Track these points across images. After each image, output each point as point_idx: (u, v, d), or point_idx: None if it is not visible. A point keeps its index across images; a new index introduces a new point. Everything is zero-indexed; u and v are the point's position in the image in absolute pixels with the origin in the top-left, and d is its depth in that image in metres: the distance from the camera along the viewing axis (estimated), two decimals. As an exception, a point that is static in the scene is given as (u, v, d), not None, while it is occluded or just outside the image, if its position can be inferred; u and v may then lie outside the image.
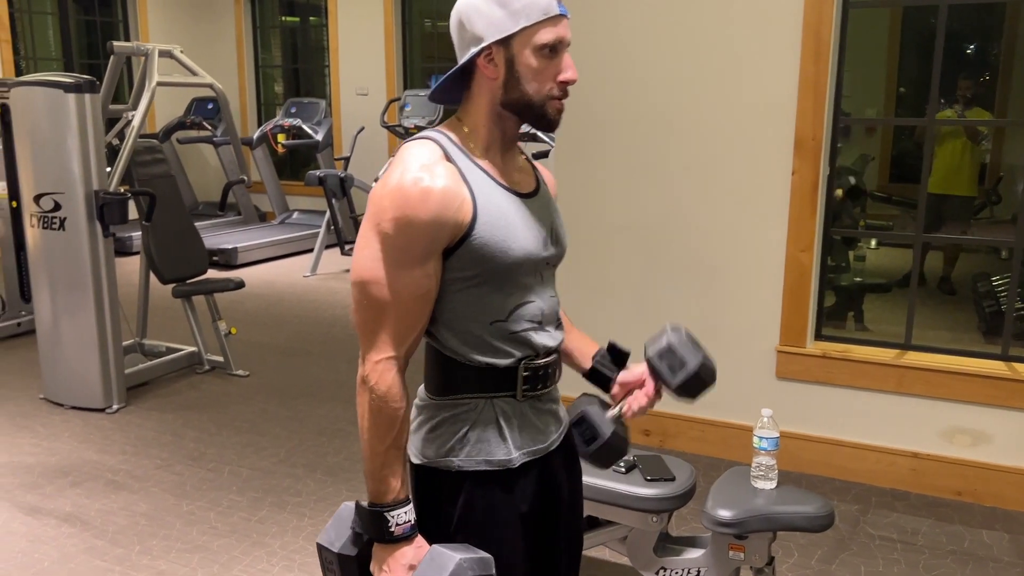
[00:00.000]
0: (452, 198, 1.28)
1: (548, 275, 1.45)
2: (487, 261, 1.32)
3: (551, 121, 1.37)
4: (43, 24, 8.57)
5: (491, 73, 1.33)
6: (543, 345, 1.40)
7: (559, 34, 1.33)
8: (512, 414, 1.40)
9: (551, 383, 1.46)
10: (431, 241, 1.28)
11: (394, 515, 1.32)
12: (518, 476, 1.40)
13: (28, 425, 3.86)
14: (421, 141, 1.35)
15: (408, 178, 1.27)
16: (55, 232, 3.88)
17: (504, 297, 1.36)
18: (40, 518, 3.03)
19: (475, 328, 1.36)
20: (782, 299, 3.35)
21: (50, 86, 3.75)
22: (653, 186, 3.49)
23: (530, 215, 1.38)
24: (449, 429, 1.38)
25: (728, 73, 3.29)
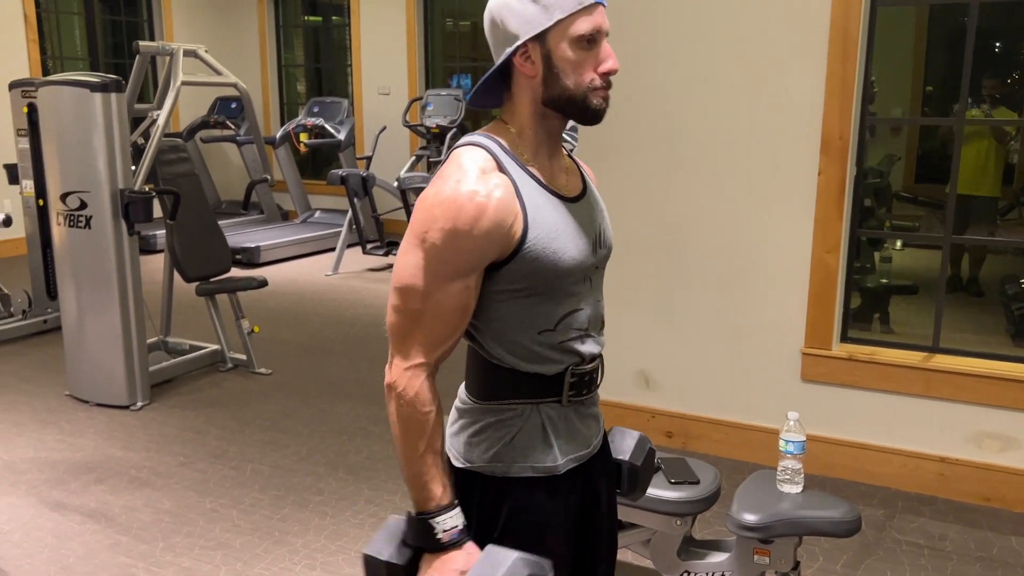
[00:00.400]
0: (506, 214, 1.25)
1: (597, 279, 1.42)
2: (537, 274, 1.29)
3: (596, 113, 1.33)
4: (70, 24, 8.66)
5: (529, 71, 1.30)
6: (589, 353, 1.38)
7: (596, 23, 1.30)
8: (558, 420, 1.37)
9: (595, 388, 1.44)
10: (480, 256, 1.25)
11: (439, 521, 1.28)
12: (563, 482, 1.38)
13: (53, 421, 3.90)
14: (474, 148, 1.31)
15: (463, 190, 1.23)
16: (81, 230, 3.91)
17: (553, 306, 1.33)
18: (65, 514, 3.05)
19: (523, 339, 1.33)
20: (807, 300, 3.31)
21: (77, 85, 3.78)
22: (678, 185, 3.47)
23: (579, 220, 1.36)
24: (495, 434, 1.36)
25: (755, 72, 3.26)
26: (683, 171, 3.45)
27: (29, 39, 7.67)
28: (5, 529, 2.94)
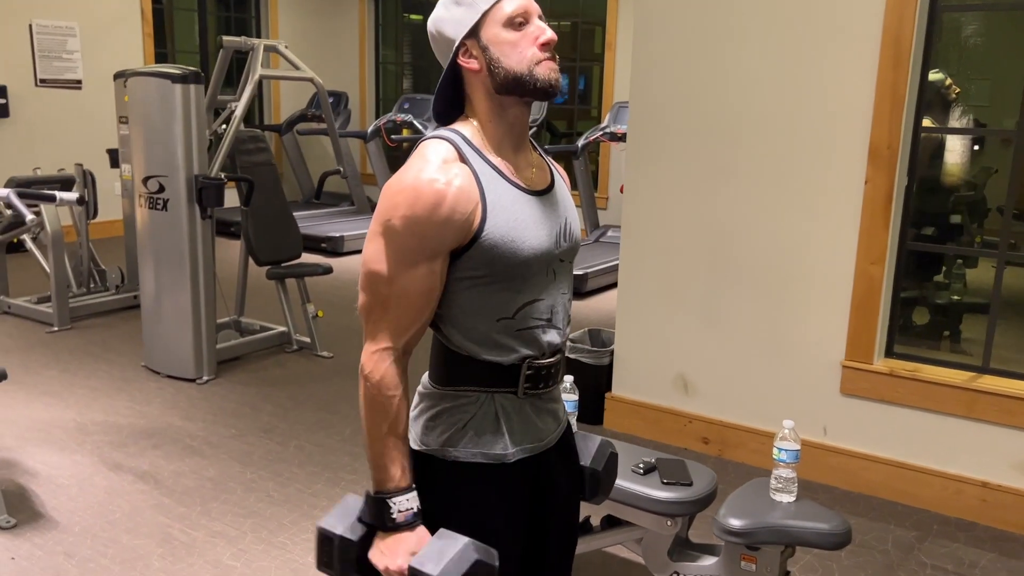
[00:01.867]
0: (464, 201, 1.30)
1: (561, 271, 1.45)
2: (496, 261, 1.33)
3: (547, 83, 1.35)
4: (186, 20, 9.19)
5: (474, 66, 1.35)
6: (549, 343, 1.41)
7: (521, 5, 1.35)
8: (512, 410, 1.41)
9: (553, 383, 1.46)
10: (439, 242, 1.30)
11: (395, 502, 1.33)
12: (513, 471, 1.42)
13: (126, 389, 4.19)
14: (438, 141, 1.36)
15: (424, 178, 1.29)
16: (159, 212, 4.19)
17: (513, 295, 1.37)
18: (120, 474, 3.29)
19: (481, 325, 1.37)
20: (849, 312, 3.23)
21: (160, 77, 4.05)
22: (723, 191, 3.44)
23: (542, 213, 1.39)
24: (449, 419, 1.40)
25: (804, 78, 3.21)
26: (730, 176, 3.42)
27: (145, 33, 8.18)
28: (64, 483, 3.20)
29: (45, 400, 4.01)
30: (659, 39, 3.51)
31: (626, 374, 3.80)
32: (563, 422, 1.54)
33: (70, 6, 7.55)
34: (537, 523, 1.51)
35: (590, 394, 3.87)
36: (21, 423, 3.73)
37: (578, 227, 1.50)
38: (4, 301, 5.38)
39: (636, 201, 3.68)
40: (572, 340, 3.89)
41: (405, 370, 1.37)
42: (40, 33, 7.37)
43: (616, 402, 3.83)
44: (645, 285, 3.70)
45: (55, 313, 5.10)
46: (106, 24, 7.82)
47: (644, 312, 3.72)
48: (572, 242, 1.47)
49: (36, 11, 7.32)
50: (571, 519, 1.61)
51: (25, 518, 2.93)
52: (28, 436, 3.60)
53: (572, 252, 1.47)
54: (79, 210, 5.54)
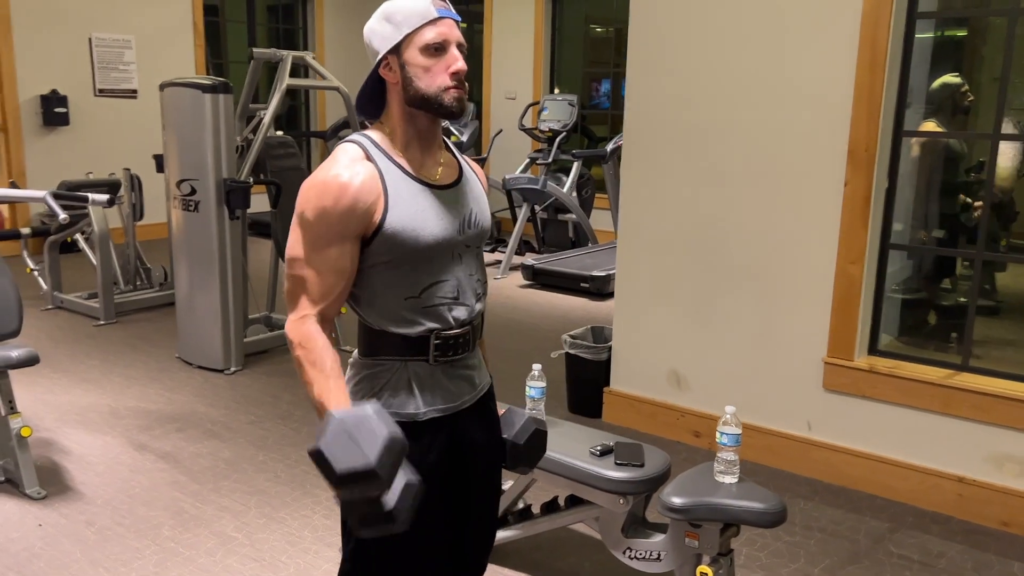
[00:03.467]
0: (366, 193, 1.50)
1: (468, 255, 1.63)
2: (399, 247, 1.53)
3: (449, 108, 1.54)
4: (237, 31, 9.61)
5: (392, 79, 1.56)
6: (456, 318, 1.60)
7: (441, 33, 1.53)
8: (424, 376, 1.60)
9: (465, 351, 1.64)
10: (344, 228, 1.50)
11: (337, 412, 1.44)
12: (426, 429, 1.60)
13: (160, 378, 4.49)
14: (349, 143, 1.58)
15: (331, 174, 1.51)
16: (191, 213, 4.48)
17: (418, 276, 1.56)
18: (144, 454, 3.57)
19: (391, 303, 1.56)
20: (831, 310, 3.33)
21: (191, 87, 4.34)
22: (713, 192, 3.57)
23: (445, 204, 1.58)
24: (367, 385, 1.60)
25: (787, 82, 3.32)
26: (720, 178, 3.54)
27: (196, 44, 8.59)
28: (93, 461, 3.48)
29: (85, 386, 4.33)
30: (651, 46, 3.65)
31: (623, 369, 3.95)
32: (480, 386, 1.72)
33: (127, 20, 7.99)
34: (459, 478, 1.69)
35: (589, 388, 4.03)
36: (61, 406, 4.05)
37: (486, 216, 1.69)
38: (57, 296, 5.77)
39: (631, 201, 3.83)
40: (573, 336, 4.05)
41: (328, 331, 1.55)
42: (99, 46, 7.82)
43: (614, 396, 3.97)
44: (640, 283, 3.84)
45: (101, 308, 5.45)
46: (160, 36, 8.25)
47: (640, 309, 3.86)
48: (478, 229, 1.65)
49: (95, 25, 7.77)
50: (492, 481, 1.79)
51: (55, 490, 3.22)
52: (66, 418, 3.91)
53: (479, 238, 1.66)
54: (127, 212, 5.90)
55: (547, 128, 7.57)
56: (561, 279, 6.48)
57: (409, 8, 1.53)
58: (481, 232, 1.67)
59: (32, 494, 3.16)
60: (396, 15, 1.53)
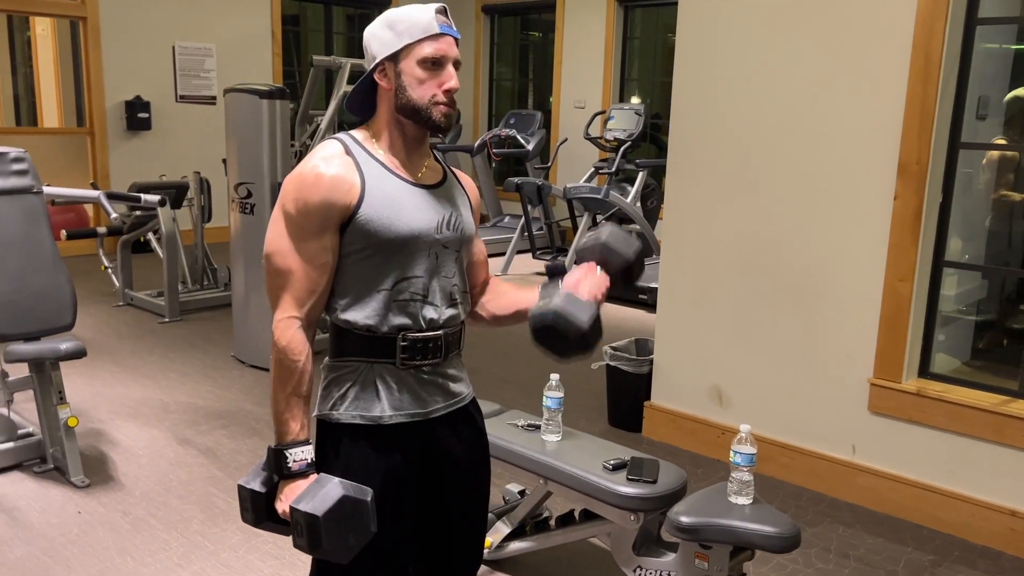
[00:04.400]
0: (341, 183, 1.52)
1: (445, 257, 1.62)
2: (372, 235, 1.53)
3: (436, 123, 1.57)
4: (316, 40, 9.86)
5: (385, 84, 1.58)
6: (427, 318, 1.59)
7: (440, 49, 1.54)
8: (391, 379, 1.59)
9: (437, 356, 1.62)
10: (323, 218, 1.52)
11: (291, 453, 1.54)
12: (391, 433, 1.60)
13: (213, 376, 4.61)
14: (330, 139, 1.62)
15: (308, 167, 1.55)
16: (247, 216, 4.60)
17: (391, 269, 1.56)
18: (186, 448, 3.66)
19: (362, 293, 1.56)
20: (878, 329, 3.18)
21: (250, 93, 4.46)
22: (757, 205, 3.46)
23: (423, 200, 1.59)
24: (335, 386, 1.62)
25: (835, 93, 3.20)
26: (765, 190, 3.44)
27: (274, 53, 8.85)
28: (138, 453, 3.60)
29: (142, 381, 4.48)
30: (697, 57, 3.58)
31: (664, 384, 3.86)
32: (458, 397, 1.70)
33: (209, 29, 8.29)
34: (432, 489, 1.67)
35: (629, 402, 3.96)
36: (116, 399, 4.20)
37: (469, 224, 1.67)
38: (128, 294, 6.00)
39: (675, 214, 3.75)
40: (615, 348, 3.99)
41: (311, 340, 1.58)
42: (181, 54, 8.13)
43: (654, 411, 3.89)
44: (682, 296, 3.75)
45: (166, 306, 5.65)
46: (239, 45, 8.53)
47: (681, 323, 3.77)
48: (458, 232, 1.64)
49: (179, 34, 8.09)
50: (474, 495, 1.76)
51: (98, 480, 3.34)
52: (119, 411, 4.05)
53: (458, 242, 1.64)
54: (195, 214, 6.11)
55: (612, 137, 7.51)
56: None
57: (413, 19, 1.54)
58: (461, 236, 1.65)
59: (76, 482, 3.28)
60: (399, 24, 1.54)
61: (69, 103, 9.36)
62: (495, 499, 3.12)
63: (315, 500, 1.46)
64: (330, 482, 1.50)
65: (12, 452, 3.40)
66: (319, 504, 1.46)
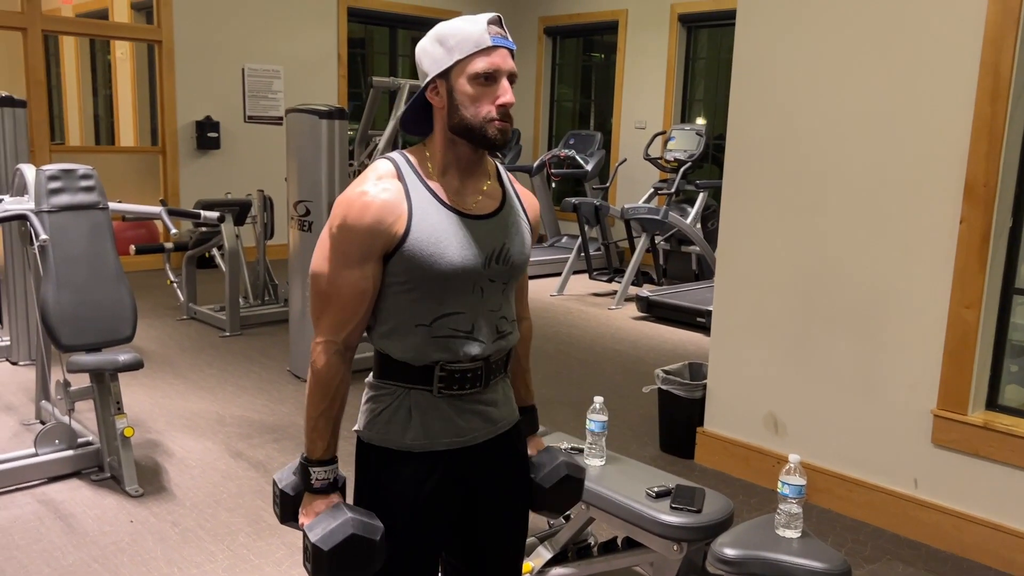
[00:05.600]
0: (389, 212, 1.47)
1: (492, 290, 1.57)
2: (415, 270, 1.49)
3: (492, 141, 1.50)
4: (381, 62, 10.03)
5: (438, 103, 1.52)
6: (467, 353, 1.54)
7: (492, 63, 1.47)
8: (427, 406, 1.55)
9: (477, 386, 1.58)
10: (368, 246, 1.48)
11: (315, 470, 1.54)
12: (420, 462, 1.56)
13: (268, 390, 4.68)
14: (383, 160, 1.56)
15: (357, 191, 1.49)
16: (305, 233, 4.67)
17: (433, 304, 1.51)
18: (238, 461, 3.71)
19: (401, 328, 1.53)
20: (942, 358, 3.05)
21: (310, 113, 4.54)
22: (815, 228, 3.37)
23: (473, 234, 1.52)
24: (373, 407, 1.59)
25: (897, 113, 3.10)
26: (823, 213, 3.34)
27: (340, 75, 9.03)
28: (191, 464, 3.66)
29: (199, 393, 4.57)
30: (755, 78, 3.51)
31: (718, 409, 3.77)
32: (499, 424, 1.65)
33: (277, 51, 8.51)
34: (467, 521, 1.64)
35: (682, 427, 3.87)
36: (174, 411, 4.29)
37: (521, 252, 1.61)
38: (192, 308, 6.15)
39: (730, 235, 3.67)
40: (667, 371, 3.92)
41: (348, 363, 1.56)
42: (251, 76, 8.36)
43: (707, 437, 3.80)
44: (738, 320, 3.67)
45: (227, 320, 5.77)
46: (307, 67, 8.73)
47: (736, 347, 3.68)
48: (507, 265, 1.57)
49: (249, 56, 8.32)
50: (511, 523, 1.71)
51: (151, 489, 3.40)
52: (175, 422, 4.14)
53: (506, 274, 1.58)
54: (258, 231, 6.24)
55: (673, 158, 7.43)
56: (676, 312, 6.31)
57: (463, 33, 1.48)
58: (511, 268, 1.59)
59: (130, 491, 3.35)
60: (449, 39, 1.48)
61: (144, 123, 9.71)
62: (539, 523, 3.08)
63: (325, 533, 1.47)
64: (343, 516, 1.49)
65: (72, 460, 3.49)
66: (327, 538, 1.47)
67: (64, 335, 3.34)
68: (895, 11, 3.08)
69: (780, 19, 3.41)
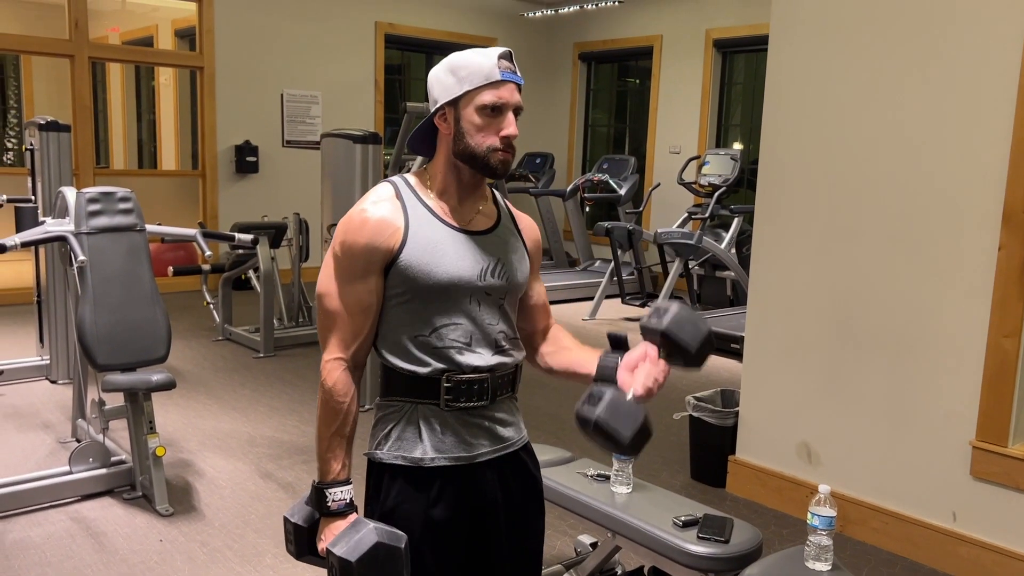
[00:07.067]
0: (385, 227, 1.53)
1: (489, 303, 1.60)
2: (412, 280, 1.54)
3: (493, 169, 1.56)
4: (418, 88, 10.15)
5: (444, 129, 1.58)
6: (468, 364, 1.56)
7: (500, 96, 1.54)
8: (435, 421, 1.57)
9: (483, 399, 1.59)
10: (367, 262, 1.53)
11: (331, 492, 1.55)
12: (432, 477, 1.57)
13: (299, 411, 4.71)
14: (384, 183, 1.64)
15: (356, 210, 1.57)
16: (338, 256, 4.71)
17: (430, 315, 1.56)
18: (268, 482, 3.73)
19: (402, 339, 1.57)
20: (981, 388, 2.98)
21: (344, 137, 4.61)
22: (849, 254, 3.32)
23: (468, 247, 1.57)
24: (382, 425, 1.61)
25: (932, 137, 3.05)
26: (857, 239, 3.29)
27: (376, 100, 9.15)
28: (221, 484, 3.69)
29: (232, 414, 4.61)
30: (787, 102, 3.49)
31: (750, 438, 3.71)
32: (508, 442, 1.65)
33: (315, 77, 8.64)
34: (476, 536, 1.63)
35: (713, 455, 3.82)
36: (207, 431, 4.33)
37: (517, 271, 1.64)
38: (227, 329, 6.23)
39: (763, 261, 3.63)
40: (698, 398, 3.87)
41: (357, 381, 1.58)
42: (289, 101, 8.50)
43: (739, 466, 3.74)
44: (770, 347, 3.62)
45: (262, 341, 5.83)
46: (344, 92, 8.85)
47: (769, 374, 3.63)
48: (504, 280, 1.61)
49: (288, 82, 8.46)
50: (523, 546, 1.70)
51: (182, 509, 3.43)
52: (207, 442, 4.18)
53: (503, 290, 1.61)
54: (294, 253, 6.31)
55: (707, 183, 7.39)
56: (710, 339, 6.22)
57: (475, 66, 1.54)
58: (506, 284, 1.62)
59: (161, 510, 3.38)
60: (461, 70, 1.54)
61: (186, 147, 9.92)
62: (565, 551, 3.05)
63: (349, 545, 1.47)
64: (365, 527, 1.50)
65: (105, 478, 3.54)
66: (353, 550, 1.46)
67: (100, 354, 3.39)
68: (930, 35, 3.05)
69: (813, 44, 3.39)
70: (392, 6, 9.15)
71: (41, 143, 4.84)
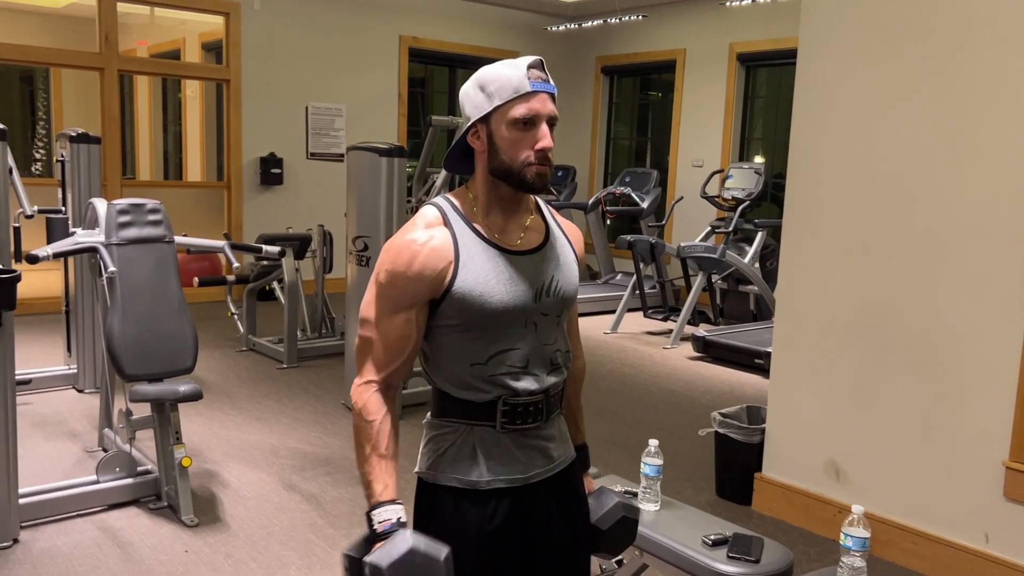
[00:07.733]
0: (436, 259, 1.50)
1: (544, 324, 1.58)
2: (467, 311, 1.51)
3: (531, 185, 1.52)
4: (441, 101, 10.20)
5: (478, 147, 1.55)
6: (524, 388, 1.54)
7: (531, 108, 1.49)
8: (491, 442, 1.55)
9: (539, 420, 1.58)
10: (413, 294, 1.51)
11: (376, 513, 1.50)
12: (488, 498, 1.55)
13: (322, 422, 4.72)
14: (430, 206, 1.59)
15: (405, 238, 1.52)
16: (363, 268, 4.73)
17: (486, 343, 1.53)
18: (291, 494, 3.74)
19: (457, 368, 1.54)
20: (1015, 406, 2.93)
21: (370, 151, 4.63)
22: (879, 267, 3.29)
23: (521, 270, 1.54)
24: (434, 446, 1.59)
25: (964, 148, 3.02)
26: (886, 252, 3.26)
27: (400, 113, 9.20)
28: (245, 495, 3.69)
29: (256, 425, 4.63)
30: (816, 116, 3.47)
31: (777, 455, 3.67)
32: (557, 461, 1.64)
33: (340, 91, 8.71)
34: (526, 556, 1.61)
35: (739, 472, 3.78)
36: (232, 441, 4.35)
37: (570, 283, 1.62)
38: (251, 339, 6.26)
39: (790, 276, 3.61)
40: (724, 415, 3.84)
41: (391, 401, 1.56)
42: (314, 114, 8.55)
43: (765, 483, 3.70)
44: (798, 363, 3.59)
45: (285, 352, 5.85)
46: (368, 106, 8.91)
47: (796, 391, 3.59)
48: (557, 298, 1.58)
49: (312, 95, 8.53)
50: (570, 564, 1.68)
51: (207, 520, 3.44)
52: (232, 453, 4.19)
53: (558, 307, 1.59)
54: (318, 264, 6.34)
55: (730, 196, 7.36)
56: (733, 353, 6.20)
57: (503, 79, 1.49)
58: (561, 300, 1.60)
59: (186, 521, 3.39)
60: (490, 85, 1.50)
61: (211, 159, 10.01)
62: (592, 568, 3.02)
63: (383, 551, 1.43)
64: (403, 534, 1.46)
65: (131, 488, 3.56)
66: (384, 555, 1.41)
67: (128, 364, 3.42)
68: (960, 48, 3.02)
69: (842, 57, 3.37)
70: (416, 20, 9.21)
71: (72, 155, 4.90)
